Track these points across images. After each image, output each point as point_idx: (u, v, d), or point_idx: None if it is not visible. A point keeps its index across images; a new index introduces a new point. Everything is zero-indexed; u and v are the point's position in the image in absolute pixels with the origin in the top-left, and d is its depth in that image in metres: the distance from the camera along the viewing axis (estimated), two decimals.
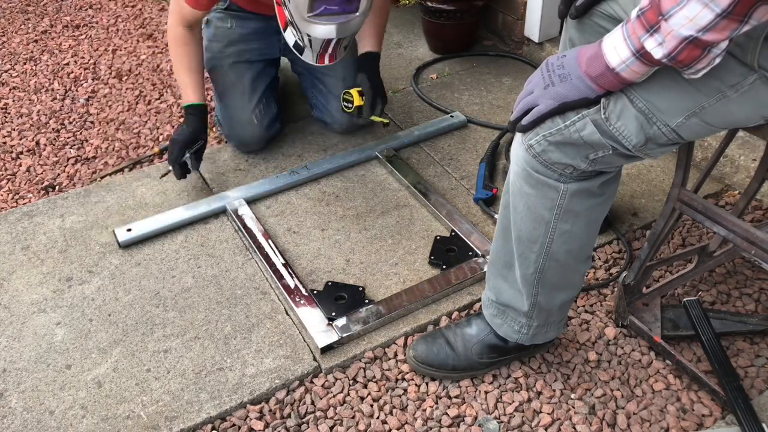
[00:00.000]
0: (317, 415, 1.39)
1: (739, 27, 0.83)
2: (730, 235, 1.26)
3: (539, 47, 2.48)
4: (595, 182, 1.14)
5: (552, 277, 1.25)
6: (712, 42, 0.85)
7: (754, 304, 1.57)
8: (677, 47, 0.87)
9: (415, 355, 1.44)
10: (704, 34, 0.84)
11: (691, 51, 0.87)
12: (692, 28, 0.84)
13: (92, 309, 1.61)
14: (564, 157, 1.09)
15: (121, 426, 1.36)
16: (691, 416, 1.36)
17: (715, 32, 0.83)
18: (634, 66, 0.95)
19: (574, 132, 1.06)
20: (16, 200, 2.00)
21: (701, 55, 0.87)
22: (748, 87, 0.98)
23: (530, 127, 1.10)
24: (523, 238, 1.22)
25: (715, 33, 0.83)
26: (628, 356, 1.48)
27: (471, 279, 1.62)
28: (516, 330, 1.36)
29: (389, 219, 1.85)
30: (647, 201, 1.87)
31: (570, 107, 1.05)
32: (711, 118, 1.02)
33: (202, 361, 1.48)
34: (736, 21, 0.82)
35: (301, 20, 1.56)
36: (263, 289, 1.64)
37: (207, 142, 1.92)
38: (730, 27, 0.83)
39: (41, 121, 2.34)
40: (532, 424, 1.37)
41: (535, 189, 1.15)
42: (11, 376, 1.47)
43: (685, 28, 0.84)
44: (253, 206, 1.88)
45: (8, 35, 2.89)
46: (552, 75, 1.05)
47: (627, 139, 1.04)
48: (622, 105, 1.02)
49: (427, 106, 2.29)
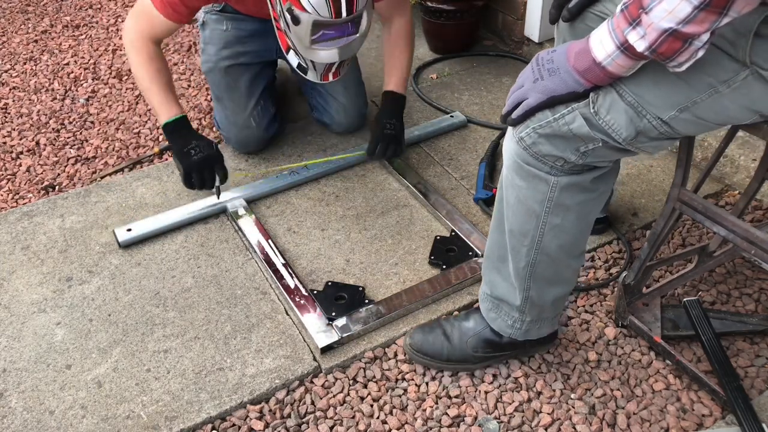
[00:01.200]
0: (317, 415, 1.39)
1: (718, 19, 0.84)
2: (730, 235, 1.26)
3: (539, 47, 2.48)
4: (587, 177, 1.14)
5: (544, 271, 1.26)
6: (692, 34, 0.86)
7: (754, 304, 1.57)
8: (657, 39, 0.88)
9: (411, 343, 1.45)
10: (684, 26, 0.85)
11: (671, 43, 0.88)
12: (672, 21, 0.85)
13: (92, 309, 1.61)
14: (554, 149, 1.10)
15: (121, 426, 1.36)
16: (691, 416, 1.36)
17: (694, 24, 0.84)
18: (620, 60, 0.96)
19: (564, 125, 1.07)
20: (16, 200, 2.00)
21: (682, 47, 0.88)
22: (740, 83, 0.98)
23: (520, 120, 1.11)
24: (515, 232, 1.23)
25: (694, 25, 0.85)
26: (628, 356, 1.48)
27: (471, 279, 1.62)
28: (509, 324, 1.36)
29: (389, 219, 1.85)
30: (647, 201, 1.87)
31: (559, 101, 1.06)
32: (704, 113, 1.03)
33: (202, 361, 1.48)
34: (715, 13, 0.83)
35: (303, 48, 1.57)
36: (263, 289, 1.64)
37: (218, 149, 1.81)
38: (709, 19, 0.84)
39: (41, 121, 2.34)
40: (532, 424, 1.37)
41: (526, 181, 1.16)
42: (11, 376, 1.47)
43: (665, 21, 0.85)
44: (253, 206, 1.88)
45: (8, 35, 2.89)
46: (542, 69, 1.06)
47: (617, 132, 1.05)
48: (612, 99, 1.03)
49: (427, 106, 2.29)
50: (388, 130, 1.90)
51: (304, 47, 1.56)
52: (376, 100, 2.30)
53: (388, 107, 1.94)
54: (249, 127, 2.00)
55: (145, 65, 1.74)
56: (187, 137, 1.75)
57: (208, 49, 2.00)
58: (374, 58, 2.55)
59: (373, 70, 2.47)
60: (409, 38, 1.97)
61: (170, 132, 1.75)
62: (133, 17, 1.76)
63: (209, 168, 1.74)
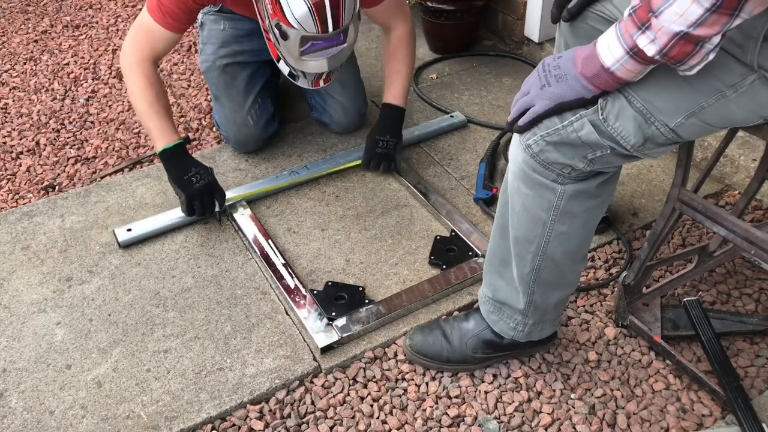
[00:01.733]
0: (317, 415, 1.39)
1: (730, 21, 0.83)
2: (730, 235, 1.26)
3: (539, 47, 2.48)
4: (593, 183, 1.14)
5: (548, 276, 1.26)
6: (704, 37, 0.85)
7: (754, 304, 1.57)
8: (668, 43, 0.87)
9: (411, 344, 1.45)
10: (695, 29, 0.84)
11: (682, 47, 0.87)
12: (683, 24, 0.84)
13: (92, 309, 1.61)
14: (562, 157, 1.09)
15: (121, 426, 1.36)
16: (691, 416, 1.36)
17: (705, 27, 0.84)
18: (629, 65, 0.95)
19: (572, 132, 1.06)
20: (16, 200, 2.00)
21: (693, 50, 0.87)
22: (748, 87, 0.98)
23: (527, 128, 1.10)
24: (520, 238, 1.23)
25: (705, 28, 0.84)
26: (628, 356, 1.48)
27: (471, 279, 1.62)
28: (512, 327, 1.36)
29: (389, 219, 1.85)
30: (647, 201, 1.86)
31: (566, 107, 1.05)
32: (710, 118, 1.02)
33: (202, 361, 1.48)
34: (727, 15, 0.82)
35: (293, 59, 1.59)
36: (263, 289, 1.64)
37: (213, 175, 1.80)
38: (721, 21, 0.83)
39: (41, 121, 2.34)
40: (532, 424, 1.37)
41: (532, 190, 1.15)
42: (11, 376, 1.47)
43: (676, 24, 0.84)
44: (253, 206, 1.88)
45: (8, 35, 2.89)
46: (548, 75, 1.05)
47: (625, 139, 1.04)
48: (620, 105, 1.02)
49: (427, 106, 2.29)
50: (380, 149, 1.90)
51: (294, 59, 1.59)
52: (376, 100, 2.30)
53: (385, 122, 1.94)
54: (247, 126, 2.00)
55: (144, 90, 1.73)
56: (187, 164, 1.75)
57: (206, 48, 2.00)
58: (374, 58, 2.55)
59: (373, 70, 2.47)
60: (410, 47, 1.96)
61: (168, 158, 1.74)
62: (132, 37, 1.75)
63: (209, 195, 1.75)
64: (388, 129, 1.93)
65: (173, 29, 1.72)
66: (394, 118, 1.95)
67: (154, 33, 1.71)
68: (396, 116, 1.95)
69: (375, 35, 2.72)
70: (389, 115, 1.95)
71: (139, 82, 1.73)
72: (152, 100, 1.73)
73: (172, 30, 1.72)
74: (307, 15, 1.49)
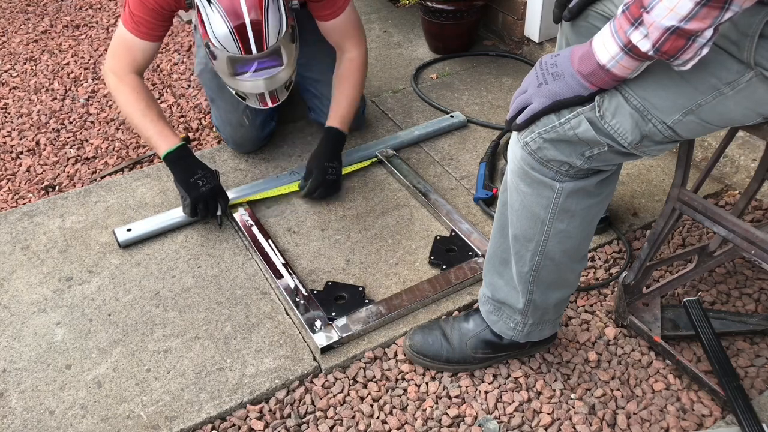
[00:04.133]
0: (317, 415, 1.39)
1: (720, 14, 0.83)
2: (730, 235, 1.26)
3: (539, 47, 2.48)
4: (592, 181, 1.14)
5: (547, 275, 1.26)
6: (695, 31, 0.85)
7: (754, 304, 1.57)
8: (661, 38, 0.87)
9: (411, 344, 1.45)
10: (686, 23, 0.84)
11: (675, 41, 0.87)
12: (674, 18, 0.84)
13: (92, 309, 1.61)
14: (559, 154, 1.09)
15: (121, 426, 1.36)
16: (691, 416, 1.36)
17: (697, 21, 0.84)
18: (624, 61, 0.95)
19: (569, 129, 1.06)
20: (16, 200, 2.00)
21: (686, 44, 0.87)
22: (745, 84, 0.98)
23: (525, 126, 1.10)
24: (519, 237, 1.23)
25: (697, 21, 0.84)
26: (628, 356, 1.48)
27: (471, 279, 1.62)
28: (511, 327, 1.36)
29: (389, 219, 1.85)
30: (647, 201, 1.87)
31: (564, 105, 1.05)
32: (708, 115, 1.02)
33: (202, 361, 1.48)
34: (717, 8, 0.82)
35: (227, 78, 1.60)
36: (263, 289, 1.64)
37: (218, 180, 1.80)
38: (712, 14, 0.83)
39: (41, 121, 2.34)
40: (532, 424, 1.37)
41: (531, 188, 1.16)
42: (11, 376, 1.47)
43: (667, 19, 0.85)
44: (253, 206, 1.88)
45: (8, 35, 2.89)
46: (545, 73, 1.06)
47: (622, 136, 1.04)
48: (617, 103, 1.03)
49: (427, 106, 2.29)
50: (330, 176, 1.86)
51: (228, 78, 1.60)
52: (376, 100, 2.31)
53: (330, 147, 1.88)
54: (243, 126, 2.00)
55: (135, 103, 1.73)
56: (193, 166, 1.75)
57: (200, 51, 2.00)
58: (373, 57, 2.55)
59: (372, 70, 2.47)
60: (362, 72, 1.91)
61: (173, 161, 1.74)
62: (111, 53, 1.75)
63: (214, 198, 1.76)
64: (336, 155, 1.89)
65: (149, 38, 1.72)
66: (337, 143, 1.90)
67: (131, 45, 1.71)
68: (339, 141, 1.90)
69: (375, 35, 2.72)
70: (333, 140, 1.89)
71: (127, 95, 1.74)
72: (144, 110, 1.73)
73: (148, 39, 1.71)
74: (228, 36, 1.51)
